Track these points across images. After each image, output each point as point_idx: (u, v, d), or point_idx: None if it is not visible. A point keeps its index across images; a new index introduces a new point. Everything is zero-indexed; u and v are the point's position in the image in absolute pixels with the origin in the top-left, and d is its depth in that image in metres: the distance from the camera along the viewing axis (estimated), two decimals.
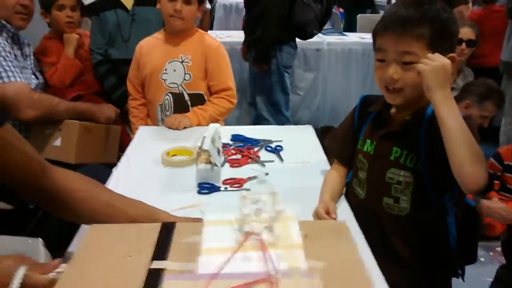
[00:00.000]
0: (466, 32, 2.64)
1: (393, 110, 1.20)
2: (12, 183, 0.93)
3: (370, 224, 1.20)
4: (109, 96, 2.30)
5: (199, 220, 0.87)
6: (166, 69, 1.89)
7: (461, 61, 2.63)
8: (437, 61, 1.03)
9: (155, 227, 0.82)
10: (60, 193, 0.96)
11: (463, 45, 2.63)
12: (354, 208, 1.24)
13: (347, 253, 0.79)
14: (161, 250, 0.75)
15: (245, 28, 3.09)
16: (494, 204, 2.15)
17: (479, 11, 3.71)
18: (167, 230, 0.80)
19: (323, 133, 2.81)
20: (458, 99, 2.37)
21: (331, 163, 1.42)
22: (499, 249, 2.33)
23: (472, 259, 1.28)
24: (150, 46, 1.94)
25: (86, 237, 0.82)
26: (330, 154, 1.30)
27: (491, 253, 2.33)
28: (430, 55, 1.05)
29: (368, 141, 1.23)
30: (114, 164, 1.52)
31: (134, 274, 0.69)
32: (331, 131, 1.47)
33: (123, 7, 2.31)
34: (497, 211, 2.09)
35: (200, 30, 1.98)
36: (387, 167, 1.15)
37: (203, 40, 1.92)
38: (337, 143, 1.37)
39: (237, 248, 0.71)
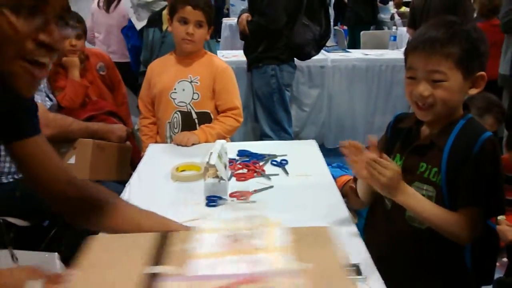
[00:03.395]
0: None
1: (424, 127, 1.25)
2: (40, 190, 1.01)
3: (392, 235, 1.24)
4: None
5: None
6: (175, 89, 1.98)
7: None
8: (386, 176, 1.10)
9: (150, 236, 0.88)
10: (84, 201, 1.03)
11: None
12: (381, 220, 1.29)
13: (331, 257, 0.84)
14: (155, 256, 0.81)
15: (245, 49, 3.18)
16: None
17: (479, 25, 3.78)
18: (160, 238, 0.86)
19: None
20: None
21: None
22: (505, 259, 2.34)
23: (488, 280, 1.30)
24: (161, 67, 2.04)
25: (85, 249, 0.88)
26: None
27: None
28: (379, 167, 1.10)
29: (398, 155, 1.27)
30: (125, 181, 1.59)
31: (131, 279, 0.75)
32: None
33: (160, 27, 2.43)
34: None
35: (209, 53, 2.08)
36: (412, 180, 1.19)
37: (212, 61, 2.01)
38: None
39: (226, 252, 0.76)
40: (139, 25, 3.30)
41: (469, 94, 1.19)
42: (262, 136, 3.14)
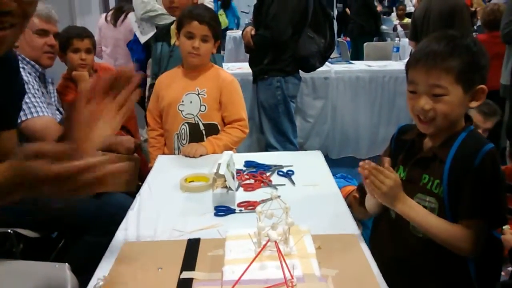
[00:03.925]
0: None
1: (426, 139, 1.27)
2: None
3: (397, 245, 1.25)
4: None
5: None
6: (183, 101, 2.02)
7: None
8: (386, 184, 1.13)
9: (182, 243, 0.92)
10: None
11: None
12: (386, 230, 1.31)
13: (357, 262, 0.87)
14: (188, 262, 0.84)
15: (250, 62, 3.23)
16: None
17: (482, 36, 3.83)
18: (193, 245, 0.90)
19: None
20: None
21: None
22: (510, 269, 2.35)
23: None
24: (168, 80, 2.09)
25: (120, 253, 0.92)
26: None
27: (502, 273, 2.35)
28: (381, 177, 1.13)
29: (402, 167, 1.29)
30: (133, 193, 1.62)
31: (167, 284, 0.79)
32: None
33: (168, 42, 2.48)
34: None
35: (216, 66, 2.13)
36: (415, 192, 1.21)
37: (218, 74, 2.06)
38: None
39: (256, 256, 0.80)
40: (143, 38, 3.35)
41: (470, 107, 1.20)
42: (268, 147, 3.18)
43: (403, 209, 1.16)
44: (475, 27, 4.64)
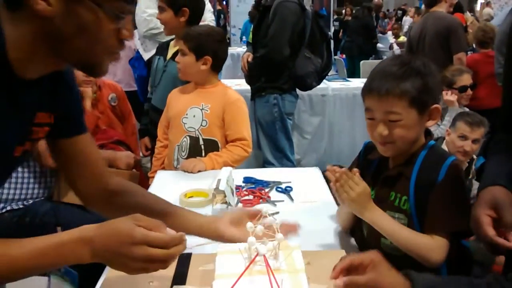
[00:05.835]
0: (467, 79, 2.91)
1: (391, 158, 1.30)
2: (77, 192, 1.09)
3: None
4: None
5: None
6: (187, 114, 2.08)
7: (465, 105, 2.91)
8: (355, 190, 1.16)
9: None
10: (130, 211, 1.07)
11: (469, 91, 2.86)
12: (359, 245, 1.33)
13: None
14: (179, 276, 0.86)
15: (249, 80, 3.27)
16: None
17: (476, 56, 3.89)
18: (184, 259, 0.91)
19: None
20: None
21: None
22: None
23: None
24: (179, 93, 2.18)
25: (109, 269, 0.92)
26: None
27: None
28: (350, 182, 1.17)
29: (370, 187, 1.29)
30: None
31: None
32: None
33: (165, 57, 2.54)
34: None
35: (224, 84, 2.19)
36: (384, 210, 1.23)
37: (225, 92, 2.12)
38: None
39: (245, 269, 0.81)
40: (146, 55, 3.40)
41: (427, 126, 1.24)
42: (265, 164, 3.20)
43: (371, 218, 1.18)
44: (473, 45, 4.70)
